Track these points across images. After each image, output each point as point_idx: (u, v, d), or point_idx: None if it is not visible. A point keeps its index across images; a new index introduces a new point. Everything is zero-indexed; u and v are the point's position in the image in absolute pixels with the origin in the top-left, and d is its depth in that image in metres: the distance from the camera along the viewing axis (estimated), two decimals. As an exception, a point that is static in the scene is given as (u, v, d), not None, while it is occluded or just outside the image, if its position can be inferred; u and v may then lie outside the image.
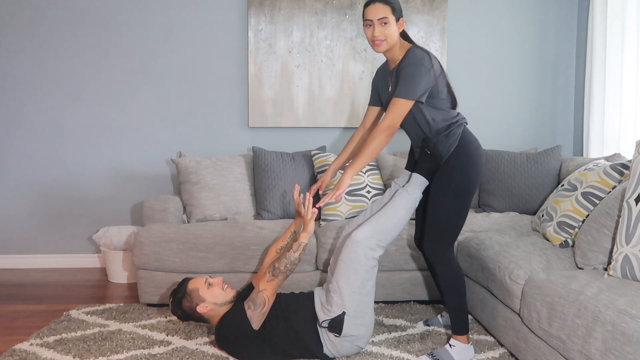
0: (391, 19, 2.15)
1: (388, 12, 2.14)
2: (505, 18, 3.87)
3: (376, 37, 2.16)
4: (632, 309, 1.61)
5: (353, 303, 2.17)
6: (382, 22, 2.15)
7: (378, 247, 2.21)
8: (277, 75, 3.75)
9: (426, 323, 2.65)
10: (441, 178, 2.22)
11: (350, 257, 2.17)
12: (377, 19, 2.15)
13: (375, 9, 2.15)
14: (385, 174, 3.33)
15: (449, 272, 2.24)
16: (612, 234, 2.06)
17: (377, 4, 2.15)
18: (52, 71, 3.73)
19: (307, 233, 2.27)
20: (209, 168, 3.35)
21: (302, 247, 2.24)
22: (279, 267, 2.21)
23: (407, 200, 2.25)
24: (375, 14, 2.15)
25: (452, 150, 2.20)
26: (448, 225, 2.22)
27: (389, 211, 2.25)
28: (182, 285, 2.33)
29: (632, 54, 3.20)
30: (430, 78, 2.12)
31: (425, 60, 2.11)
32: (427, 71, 2.11)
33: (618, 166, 2.37)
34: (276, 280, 2.21)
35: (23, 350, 2.33)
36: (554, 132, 3.97)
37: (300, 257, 2.25)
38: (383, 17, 2.14)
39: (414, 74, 2.10)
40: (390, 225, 2.22)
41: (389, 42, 2.18)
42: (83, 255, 3.85)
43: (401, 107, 2.13)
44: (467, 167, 2.19)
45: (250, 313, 2.17)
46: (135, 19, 3.73)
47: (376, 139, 2.14)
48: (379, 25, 2.15)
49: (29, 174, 3.78)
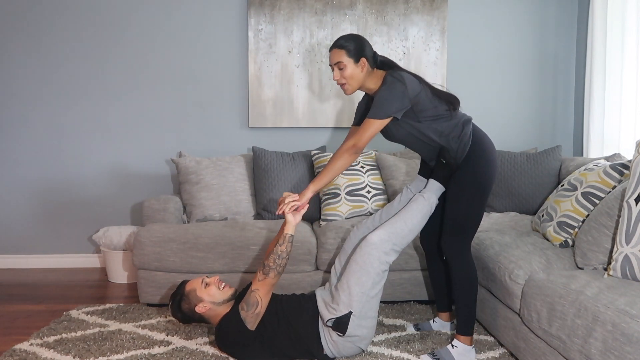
0: (347, 62, 2.19)
1: (342, 56, 2.20)
2: (505, 18, 3.87)
3: (336, 80, 2.24)
4: (632, 309, 1.61)
5: (360, 303, 2.17)
6: (338, 66, 2.22)
7: (392, 251, 2.22)
8: (277, 75, 3.75)
9: (417, 327, 2.61)
10: (459, 178, 2.23)
11: (364, 258, 2.18)
12: (334, 64, 2.22)
13: (332, 55, 2.23)
14: (385, 174, 3.33)
15: (465, 270, 2.24)
16: (612, 234, 2.06)
17: (333, 50, 2.22)
18: (52, 71, 3.73)
19: (288, 224, 2.23)
20: (209, 168, 3.35)
21: (287, 238, 2.21)
22: (268, 263, 2.19)
23: (423, 205, 2.26)
24: (331, 60, 2.23)
25: (468, 150, 2.21)
26: (466, 222, 2.23)
27: (406, 216, 2.25)
28: (180, 288, 2.34)
29: (632, 54, 3.20)
30: (404, 98, 2.13)
31: (395, 84, 2.13)
32: (399, 91, 2.12)
33: (618, 166, 2.37)
34: (268, 279, 2.19)
35: (23, 350, 2.33)
36: (554, 132, 3.97)
37: (288, 250, 2.21)
38: (338, 61, 2.21)
39: (384, 97, 2.14)
40: (407, 230, 2.23)
41: (352, 84, 2.23)
42: (83, 255, 3.85)
43: (370, 127, 2.15)
44: (483, 163, 2.21)
45: (243, 314, 2.17)
46: (136, 19, 3.73)
47: (341, 158, 2.18)
48: (337, 70, 2.23)
49: (29, 174, 3.78)
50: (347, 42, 2.20)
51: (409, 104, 2.15)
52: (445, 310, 2.60)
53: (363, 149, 2.20)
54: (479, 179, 2.21)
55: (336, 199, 3.17)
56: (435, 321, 2.61)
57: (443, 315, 2.60)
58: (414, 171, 3.31)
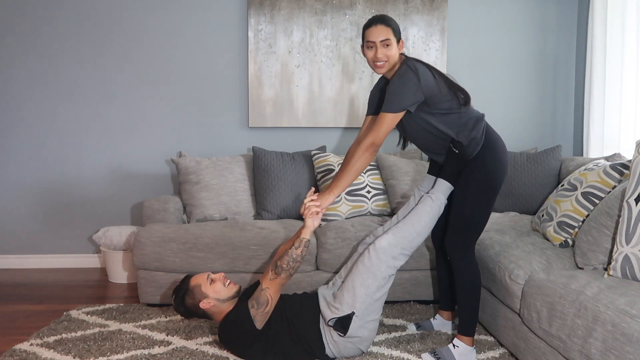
0: (393, 41, 2.16)
1: (390, 34, 2.15)
2: (505, 18, 3.87)
3: (379, 58, 2.16)
4: (632, 309, 1.61)
5: (363, 305, 2.18)
6: (384, 44, 2.15)
7: (402, 255, 2.22)
8: (277, 75, 3.75)
9: (418, 325, 2.60)
10: (467, 176, 2.21)
11: (372, 261, 2.18)
12: (380, 41, 2.15)
13: (378, 31, 2.15)
14: (385, 174, 3.32)
15: (468, 270, 2.24)
16: (612, 234, 2.06)
17: (380, 26, 2.15)
18: (52, 71, 3.73)
19: (306, 228, 2.23)
20: (209, 168, 3.35)
21: (303, 243, 2.22)
22: (282, 264, 2.19)
23: (431, 207, 2.24)
24: (377, 36, 2.15)
25: (479, 149, 2.19)
26: (472, 223, 2.22)
27: (413, 219, 2.24)
28: (185, 282, 2.31)
29: (632, 54, 3.20)
30: (417, 91, 2.10)
31: (408, 75, 2.10)
32: (413, 84, 2.09)
33: (618, 166, 2.37)
34: (279, 279, 2.20)
35: (23, 350, 2.33)
36: (554, 132, 3.97)
37: (303, 254, 2.22)
38: (385, 39, 2.14)
39: (397, 90, 2.11)
40: (415, 234, 2.22)
41: (391, 64, 2.19)
42: (83, 255, 3.85)
43: (385, 121, 2.13)
44: (492, 165, 2.19)
45: (253, 312, 2.17)
46: (135, 19, 3.73)
47: (361, 158, 2.15)
48: (382, 47, 2.15)
49: (29, 174, 3.78)
50: (391, 21, 2.17)
51: (422, 96, 2.12)
52: (447, 309, 2.60)
53: (381, 144, 2.17)
54: (488, 179, 2.19)
55: (336, 199, 3.16)
56: (436, 319, 2.60)
57: (445, 313, 2.60)
58: (415, 171, 3.31)
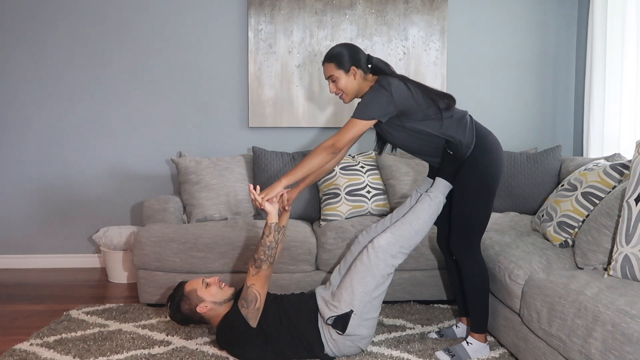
0: (338, 74, 2.24)
1: (332, 70, 2.25)
2: (505, 18, 3.87)
3: (333, 92, 2.30)
4: (632, 309, 1.61)
5: (362, 303, 2.18)
6: (331, 79, 2.27)
7: (400, 253, 2.23)
8: (277, 75, 3.75)
9: (439, 333, 2.53)
10: (464, 176, 2.22)
11: (370, 260, 2.19)
12: (327, 77, 2.28)
13: (325, 69, 2.28)
14: (385, 174, 3.32)
15: (475, 269, 2.25)
16: (612, 234, 2.06)
17: (325, 64, 2.27)
18: (52, 71, 3.73)
19: (269, 214, 2.21)
20: (209, 168, 3.35)
21: (272, 227, 2.20)
22: (259, 256, 2.19)
23: (429, 205, 2.25)
24: (325, 74, 2.29)
25: (473, 147, 2.19)
26: (473, 222, 2.23)
27: (412, 217, 2.25)
28: (179, 289, 2.32)
29: (632, 54, 3.20)
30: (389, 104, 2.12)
31: (381, 91, 2.13)
32: (384, 96, 2.12)
33: (618, 166, 2.37)
34: (262, 272, 2.19)
35: (23, 350, 2.33)
36: (554, 132, 3.97)
37: (276, 239, 2.20)
38: (330, 75, 2.27)
39: (369, 100, 2.16)
40: (413, 232, 2.23)
41: (348, 93, 2.29)
42: (83, 255, 3.85)
43: (353, 127, 2.15)
44: (486, 161, 2.20)
45: (244, 311, 2.17)
46: (135, 19, 3.73)
47: (317, 157, 2.18)
48: (331, 83, 2.28)
49: (29, 174, 3.78)
50: (335, 54, 2.25)
51: (394, 110, 2.15)
52: (467, 315, 2.50)
53: (342, 149, 2.20)
54: (484, 177, 2.20)
55: (336, 199, 3.17)
56: (459, 326, 2.55)
57: (466, 319, 2.53)
58: (415, 171, 3.31)
